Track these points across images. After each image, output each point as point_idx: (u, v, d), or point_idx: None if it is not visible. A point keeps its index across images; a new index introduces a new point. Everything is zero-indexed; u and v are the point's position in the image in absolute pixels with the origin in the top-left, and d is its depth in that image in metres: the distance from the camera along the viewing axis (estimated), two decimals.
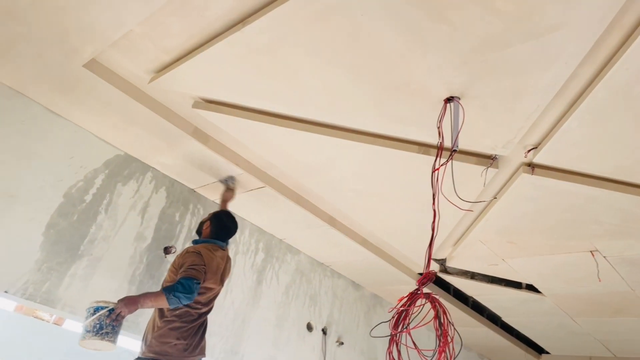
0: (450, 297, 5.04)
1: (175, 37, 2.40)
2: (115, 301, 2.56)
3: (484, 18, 1.90)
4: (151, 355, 2.67)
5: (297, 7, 2.01)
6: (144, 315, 3.12)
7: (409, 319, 1.87)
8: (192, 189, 3.77)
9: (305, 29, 2.13)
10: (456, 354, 1.76)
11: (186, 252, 2.91)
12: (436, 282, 4.88)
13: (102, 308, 2.50)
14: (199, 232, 3.27)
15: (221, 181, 3.53)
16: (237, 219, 3.43)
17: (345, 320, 4.84)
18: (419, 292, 1.87)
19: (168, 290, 2.61)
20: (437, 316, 1.80)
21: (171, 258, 3.50)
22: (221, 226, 3.15)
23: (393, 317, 1.86)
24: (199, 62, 2.46)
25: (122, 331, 2.62)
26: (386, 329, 2.00)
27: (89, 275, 3.07)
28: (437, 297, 1.84)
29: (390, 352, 1.83)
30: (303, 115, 2.77)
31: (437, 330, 1.78)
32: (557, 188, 2.79)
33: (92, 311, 2.52)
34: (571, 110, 2.29)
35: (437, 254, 4.13)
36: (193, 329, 2.81)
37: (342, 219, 3.87)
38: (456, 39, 2.01)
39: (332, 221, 3.85)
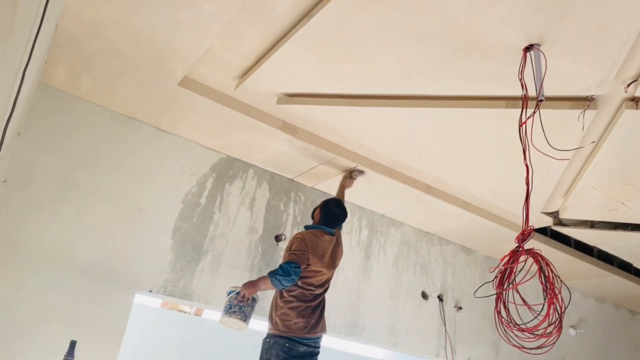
0: (572, 249, 4.78)
1: (250, 42, 2.57)
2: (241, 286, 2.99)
3: None
4: (277, 332, 2.98)
5: None
6: (268, 300, 3.42)
7: (514, 276, 1.88)
8: (291, 179, 4.00)
9: (365, 10, 2.17)
10: (566, 306, 1.74)
11: (293, 238, 3.14)
12: (553, 235, 4.66)
13: (233, 292, 2.96)
14: (313, 217, 3.49)
15: (347, 170, 3.69)
16: None
17: (461, 285, 4.82)
18: (520, 249, 1.86)
19: (271, 274, 2.94)
20: (541, 270, 1.78)
21: (283, 245, 3.78)
22: (329, 213, 3.34)
23: (496, 277, 1.88)
24: (276, 61, 2.62)
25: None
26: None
27: (214, 269, 3.44)
28: (538, 251, 1.82)
29: (498, 312, 1.85)
30: (381, 92, 2.82)
31: (542, 284, 1.77)
32: None
33: (227, 295, 2.99)
34: None
35: (548, 206, 3.95)
36: (309, 308, 3.05)
37: (438, 186, 3.86)
38: None
39: (429, 189, 3.85)
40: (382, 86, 2.74)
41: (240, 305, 2.90)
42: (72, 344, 2.44)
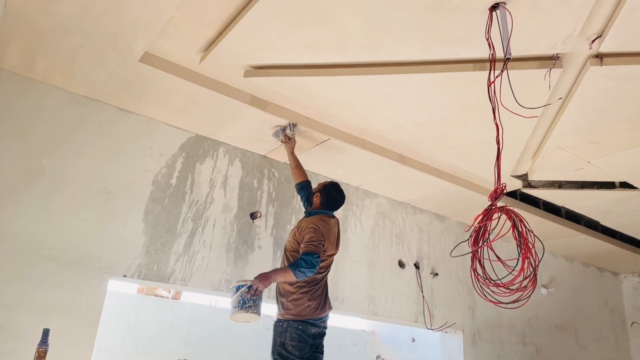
0: (541, 211, 4.91)
1: (213, 10, 2.47)
2: (252, 279, 2.92)
3: None
4: (290, 317, 3.01)
5: None
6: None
7: (488, 234, 1.90)
8: (264, 155, 3.95)
9: None
10: (539, 259, 1.77)
11: (306, 228, 3.09)
12: (523, 198, 4.77)
13: (242, 286, 2.87)
14: (310, 202, 3.42)
15: (276, 135, 3.54)
16: (310, 175, 3.59)
17: (436, 252, 4.91)
18: (492, 207, 1.88)
19: (294, 266, 2.91)
20: (514, 226, 1.81)
21: (258, 222, 3.75)
22: (330, 198, 3.32)
23: (471, 236, 1.90)
24: (240, 31, 2.53)
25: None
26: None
27: (190, 250, 3.38)
28: (511, 208, 1.84)
29: (474, 269, 1.87)
30: (350, 60, 2.78)
31: (516, 239, 1.79)
32: (632, 74, 2.59)
33: (234, 290, 2.89)
34: None
35: (517, 170, 4.03)
36: (319, 289, 3.12)
37: (411, 155, 3.87)
38: None
39: (401, 159, 3.87)
40: (352, 53, 2.70)
41: (254, 299, 2.84)
42: (46, 332, 2.37)
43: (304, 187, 3.49)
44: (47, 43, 2.68)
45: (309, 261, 2.90)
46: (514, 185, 4.25)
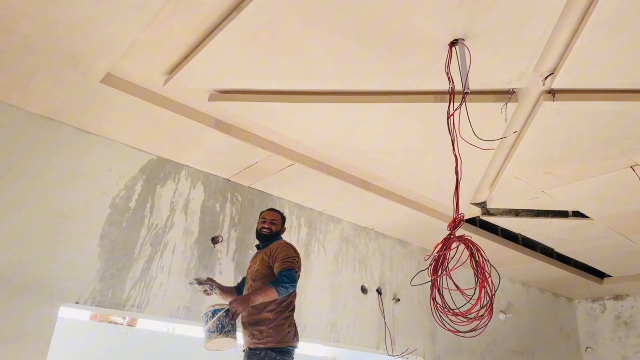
0: (499, 237, 5.04)
1: (178, 35, 2.47)
2: (227, 303, 2.86)
3: None
4: (271, 344, 2.90)
5: None
6: None
7: (447, 263, 1.93)
8: (227, 179, 3.91)
9: (298, 4, 2.16)
10: (496, 288, 1.81)
11: (280, 246, 3.12)
12: (482, 225, 4.89)
13: (219, 310, 2.78)
14: (280, 230, 3.40)
15: (197, 284, 3.26)
16: (274, 199, 3.61)
17: (398, 278, 4.94)
18: (451, 236, 1.91)
19: (275, 283, 2.87)
20: (471, 255, 1.85)
21: (219, 247, 3.68)
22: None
23: (430, 264, 1.93)
24: (205, 56, 2.54)
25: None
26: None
27: (147, 275, 3.28)
28: (469, 237, 1.88)
29: (433, 298, 1.90)
30: (315, 88, 2.82)
31: (473, 268, 1.83)
32: (582, 110, 2.73)
33: (210, 314, 2.80)
34: (580, 27, 2.23)
35: (476, 197, 4.13)
36: (293, 316, 3.09)
37: (374, 181, 3.92)
38: None
39: (365, 185, 3.91)
40: (316, 81, 2.74)
41: (232, 323, 2.77)
42: None
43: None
44: (4, 61, 2.60)
45: (290, 276, 2.89)
46: (474, 212, 4.36)
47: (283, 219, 3.47)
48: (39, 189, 2.98)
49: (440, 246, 1.94)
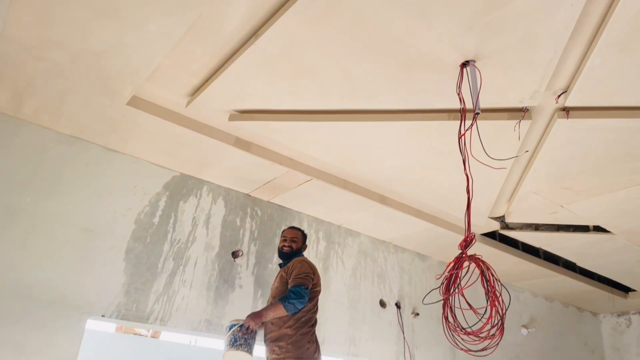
0: (519, 251, 5.00)
1: (200, 60, 2.59)
2: (244, 318, 3.03)
3: None
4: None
5: (298, 12, 2.14)
6: None
7: (459, 282, 1.97)
8: (247, 194, 4.01)
9: (312, 29, 2.25)
10: (507, 307, 1.84)
11: (294, 262, 3.24)
12: (502, 239, 4.86)
13: (235, 325, 2.98)
14: (302, 247, 3.52)
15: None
16: (293, 213, 3.67)
17: (417, 292, 4.94)
18: (463, 255, 1.95)
19: (282, 299, 3.00)
20: (482, 274, 1.88)
21: (239, 261, 3.77)
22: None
23: (442, 283, 1.96)
24: (225, 79, 2.65)
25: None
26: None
27: (170, 289, 3.39)
28: (479, 257, 1.92)
29: (445, 317, 1.93)
30: (330, 107, 2.90)
31: (484, 287, 1.86)
32: (596, 127, 2.74)
33: (228, 328, 3.01)
34: (591, 47, 2.26)
35: (494, 212, 4.14)
36: (314, 331, 3.15)
37: (392, 196, 3.97)
38: (455, 5, 2.06)
39: (382, 199, 3.96)
40: (331, 101, 2.82)
41: (245, 337, 2.93)
42: None
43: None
44: (36, 86, 2.76)
45: (297, 292, 2.97)
46: (492, 226, 4.36)
47: (304, 236, 3.56)
48: (67, 205, 3.13)
49: (452, 265, 1.98)
